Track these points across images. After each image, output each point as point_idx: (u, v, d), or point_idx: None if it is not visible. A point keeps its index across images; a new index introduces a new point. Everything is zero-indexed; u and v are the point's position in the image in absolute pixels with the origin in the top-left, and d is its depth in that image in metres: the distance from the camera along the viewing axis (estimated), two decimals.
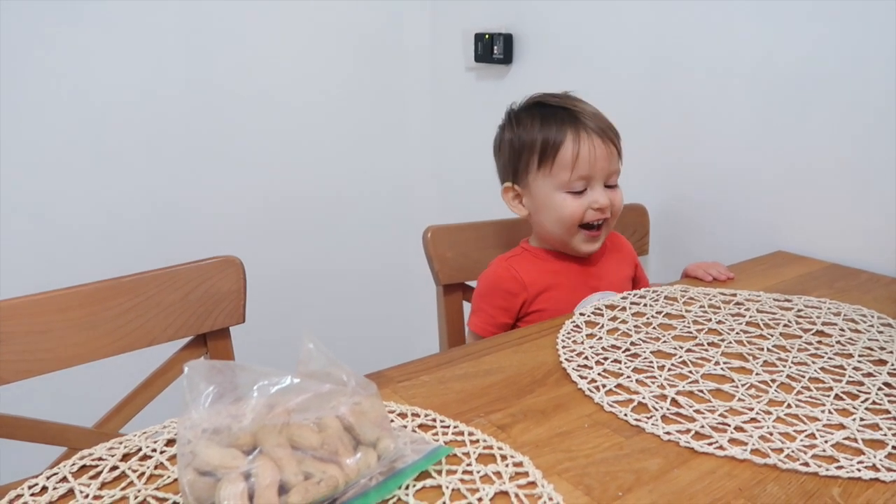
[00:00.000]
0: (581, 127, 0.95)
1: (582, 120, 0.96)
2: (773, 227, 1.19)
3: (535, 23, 1.56)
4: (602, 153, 0.95)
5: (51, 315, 0.79)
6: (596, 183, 0.96)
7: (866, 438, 0.59)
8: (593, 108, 1.00)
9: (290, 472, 0.45)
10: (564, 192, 0.96)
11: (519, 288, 0.98)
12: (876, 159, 1.05)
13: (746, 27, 1.17)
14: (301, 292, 1.77)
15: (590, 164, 0.95)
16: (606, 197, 0.96)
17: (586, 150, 0.94)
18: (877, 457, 0.56)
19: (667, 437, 0.59)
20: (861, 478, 0.53)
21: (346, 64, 1.74)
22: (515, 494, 0.50)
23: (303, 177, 1.73)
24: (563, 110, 0.98)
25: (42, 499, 0.50)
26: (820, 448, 0.57)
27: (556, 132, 0.96)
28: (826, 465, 0.55)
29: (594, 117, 0.97)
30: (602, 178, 0.96)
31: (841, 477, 0.54)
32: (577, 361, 0.73)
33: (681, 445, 0.58)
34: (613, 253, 1.06)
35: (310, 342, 0.53)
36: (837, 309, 0.87)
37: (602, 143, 0.95)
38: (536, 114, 0.99)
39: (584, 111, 0.98)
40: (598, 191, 0.96)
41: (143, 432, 0.58)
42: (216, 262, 0.90)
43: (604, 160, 0.95)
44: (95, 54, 1.41)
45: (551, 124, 0.97)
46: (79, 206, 1.45)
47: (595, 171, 0.95)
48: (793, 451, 0.56)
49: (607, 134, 0.96)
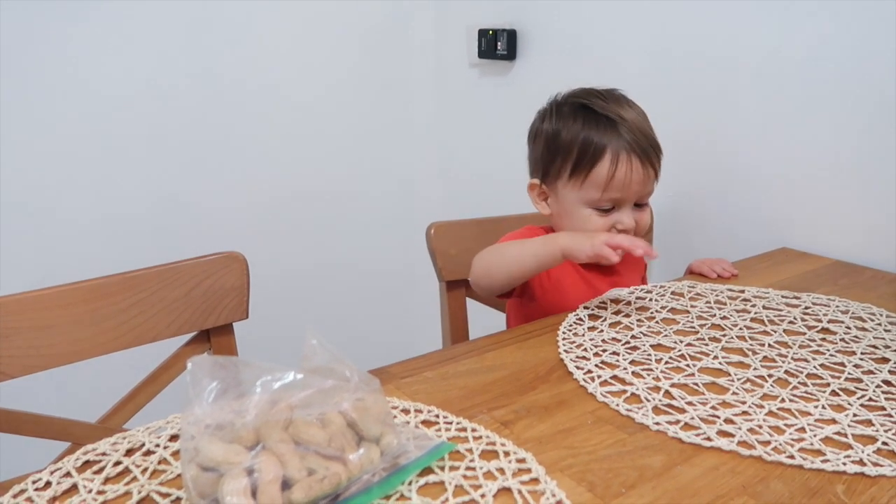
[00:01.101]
0: (623, 145, 0.90)
1: (625, 136, 0.90)
2: (778, 224, 1.18)
3: (538, 19, 1.55)
4: (639, 177, 0.90)
5: (54, 311, 0.79)
6: (626, 205, 0.93)
7: (857, 434, 0.58)
8: (639, 117, 0.94)
9: (294, 468, 0.45)
10: (591, 208, 0.93)
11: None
12: (880, 156, 1.04)
13: (752, 23, 1.17)
14: (304, 288, 1.77)
15: (623, 188, 0.90)
16: (632, 219, 0.92)
17: (623, 173, 0.89)
18: (864, 452, 0.56)
19: (656, 428, 0.59)
20: (846, 472, 0.53)
21: (350, 60, 1.74)
22: (518, 491, 0.50)
23: (307, 172, 1.73)
24: (607, 120, 0.91)
25: (46, 494, 0.50)
26: (808, 442, 0.57)
27: (595, 145, 0.90)
28: (812, 458, 0.55)
29: (639, 132, 0.91)
30: (633, 200, 0.93)
31: (839, 472, 0.53)
32: (576, 353, 0.73)
33: (670, 437, 0.58)
34: (628, 257, 1.05)
35: (313, 338, 0.52)
36: (846, 307, 0.87)
37: (641, 165, 0.90)
38: (580, 116, 0.93)
39: (630, 124, 0.91)
40: (626, 212, 0.92)
41: (147, 427, 0.58)
42: (220, 258, 0.90)
43: (639, 184, 0.91)
44: (99, 48, 1.41)
45: (592, 134, 0.91)
46: (82, 201, 1.45)
47: (628, 194, 0.91)
48: (780, 444, 0.56)
49: (648, 155, 0.91)
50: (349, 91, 1.76)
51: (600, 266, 1.01)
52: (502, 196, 1.51)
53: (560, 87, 1.04)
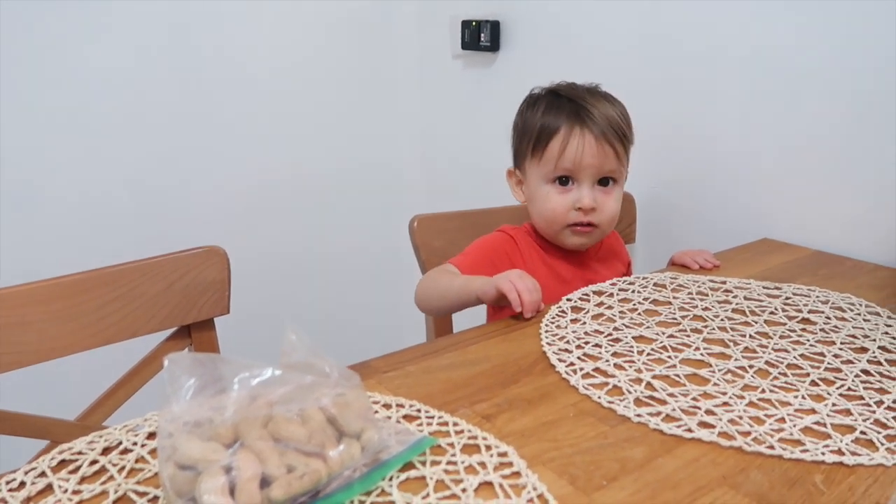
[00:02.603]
0: (578, 122, 0.93)
1: (582, 115, 0.93)
2: (759, 215, 1.19)
3: (521, 10, 1.55)
4: (591, 150, 0.92)
5: (31, 307, 0.78)
6: (583, 181, 0.94)
7: (836, 423, 0.59)
8: (612, 108, 0.95)
9: (273, 465, 0.45)
10: (549, 184, 0.95)
11: (518, 258, 0.97)
12: (860, 147, 1.05)
13: (735, 16, 1.17)
14: (287, 282, 1.76)
15: (574, 160, 0.92)
16: (592, 198, 0.93)
17: (574, 145, 0.92)
18: (843, 441, 0.56)
19: (637, 420, 0.59)
20: (825, 461, 0.54)
21: (332, 51, 1.73)
22: (500, 485, 0.50)
23: (289, 165, 1.72)
24: (569, 102, 0.95)
25: (20, 494, 0.49)
26: (788, 432, 0.57)
27: (552, 122, 0.94)
28: (792, 448, 0.55)
29: (601, 116, 0.93)
30: (591, 178, 0.94)
31: (818, 461, 0.54)
32: (559, 346, 0.73)
33: (651, 428, 0.58)
34: (610, 253, 1.06)
35: (292, 333, 0.52)
36: (826, 297, 0.87)
37: (595, 141, 0.92)
38: (545, 101, 0.97)
39: (593, 108, 0.93)
40: (585, 190, 0.94)
41: (125, 426, 0.58)
42: (200, 253, 0.89)
43: (592, 157, 0.92)
44: (78, 41, 1.38)
45: (551, 114, 0.95)
46: (59, 196, 1.43)
47: (580, 167, 0.93)
48: (760, 435, 0.57)
49: (606, 134, 0.92)
50: (332, 82, 1.74)
51: (588, 261, 1.01)
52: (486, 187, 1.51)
53: (543, 78, 1.04)
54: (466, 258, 0.96)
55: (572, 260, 1.01)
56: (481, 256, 0.96)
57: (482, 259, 0.96)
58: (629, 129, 0.97)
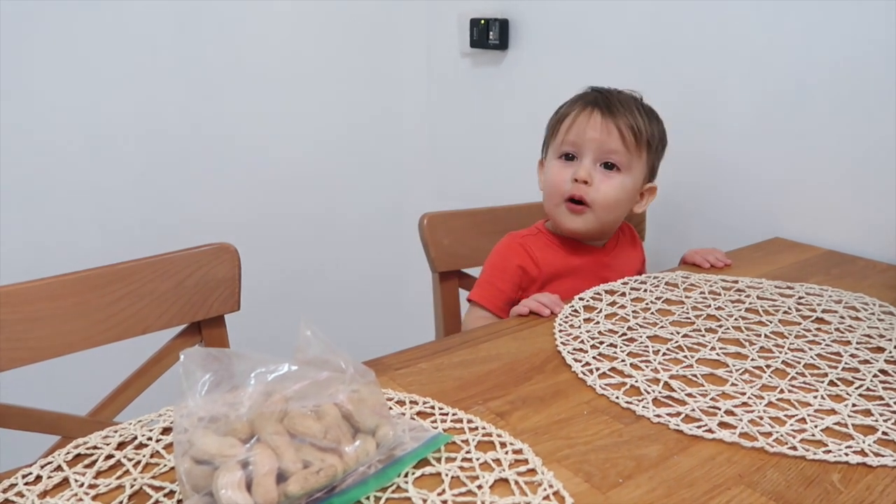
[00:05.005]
0: (592, 103, 0.96)
1: (599, 101, 0.96)
2: (771, 214, 1.18)
3: (531, 8, 1.54)
4: (596, 126, 0.94)
5: (42, 303, 0.78)
6: (585, 156, 0.95)
7: (857, 424, 0.58)
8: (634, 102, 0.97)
9: (289, 461, 0.45)
10: (556, 159, 0.98)
11: (533, 267, 0.97)
12: (873, 147, 1.04)
13: (745, 15, 1.16)
14: (296, 280, 1.76)
15: (577, 133, 0.95)
16: (588, 171, 0.94)
17: (581, 121, 0.95)
18: (865, 442, 0.56)
19: (657, 420, 0.59)
20: (849, 462, 0.53)
21: (340, 50, 1.72)
22: (515, 482, 0.50)
23: (298, 164, 1.72)
24: (595, 93, 0.99)
25: (36, 488, 0.49)
26: (809, 433, 0.57)
27: (571, 106, 0.99)
28: (814, 448, 0.55)
29: (617, 101, 0.96)
30: (593, 154, 0.95)
31: (842, 462, 0.53)
32: (573, 345, 0.72)
33: (670, 428, 0.57)
34: (627, 247, 1.05)
35: (307, 329, 0.52)
36: (839, 297, 0.87)
37: (602, 118, 0.94)
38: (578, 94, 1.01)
39: (615, 100, 0.96)
40: (583, 164, 0.95)
41: (139, 420, 0.58)
42: (211, 250, 0.89)
43: (595, 132, 0.94)
44: (87, 41, 1.39)
45: (575, 101, 0.99)
46: (71, 193, 1.43)
47: (583, 141, 0.95)
48: (781, 435, 0.56)
49: (613, 113, 0.94)
50: (340, 81, 1.74)
51: (605, 255, 1.01)
52: (495, 186, 1.51)
53: (552, 76, 1.04)
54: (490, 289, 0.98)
55: (587, 254, 1.00)
56: (504, 281, 0.98)
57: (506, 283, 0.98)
58: (651, 132, 0.97)
